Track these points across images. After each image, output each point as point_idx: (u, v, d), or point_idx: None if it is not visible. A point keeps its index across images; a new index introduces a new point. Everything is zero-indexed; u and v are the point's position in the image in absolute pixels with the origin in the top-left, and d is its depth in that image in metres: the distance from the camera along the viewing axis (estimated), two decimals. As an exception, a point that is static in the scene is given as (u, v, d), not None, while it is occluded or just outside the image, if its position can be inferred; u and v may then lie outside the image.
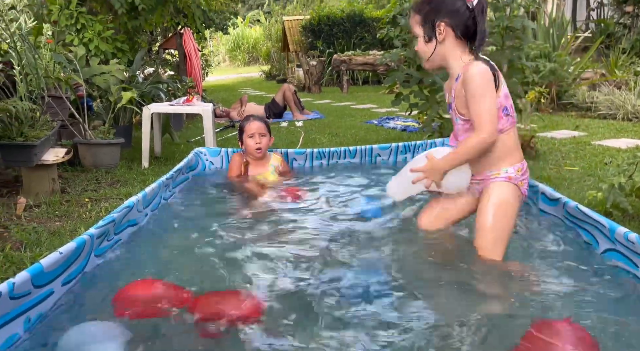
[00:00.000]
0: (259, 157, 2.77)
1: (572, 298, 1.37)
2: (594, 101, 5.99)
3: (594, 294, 1.39)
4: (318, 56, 12.96)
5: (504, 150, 1.63)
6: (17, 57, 3.12)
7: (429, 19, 1.66)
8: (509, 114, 1.64)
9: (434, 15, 1.65)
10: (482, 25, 1.63)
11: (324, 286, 1.44)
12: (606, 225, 1.59)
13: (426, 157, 1.67)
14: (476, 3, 1.61)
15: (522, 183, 1.65)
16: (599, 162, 3.58)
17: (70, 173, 3.65)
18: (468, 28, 1.63)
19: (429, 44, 1.68)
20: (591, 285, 1.44)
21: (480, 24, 1.63)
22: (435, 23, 1.64)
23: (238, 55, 24.39)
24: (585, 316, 1.26)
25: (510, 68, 3.82)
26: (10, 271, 1.92)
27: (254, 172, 2.78)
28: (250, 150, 2.76)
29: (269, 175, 2.74)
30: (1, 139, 2.95)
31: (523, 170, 1.66)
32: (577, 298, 1.38)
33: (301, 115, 7.09)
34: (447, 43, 1.65)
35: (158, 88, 5.07)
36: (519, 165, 1.65)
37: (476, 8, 1.61)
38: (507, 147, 1.63)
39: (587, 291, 1.41)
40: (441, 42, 1.65)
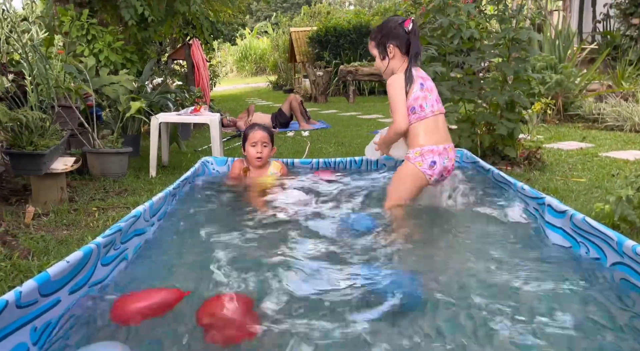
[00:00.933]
0: (259, 165, 2.81)
1: (577, 313, 1.36)
2: (600, 113, 5.98)
3: (599, 306, 1.38)
4: (325, 67, 13.04)
5: (411, 137, 2.22)
6: (29, 68, 3.17)
7: (382, 43, 2.29)
8: (415, 112, 2.20)
9: (384, 39, 2.28)
10: (415, 44, 2.23)
11: (334, 293, 1.44)
12: (614, 238, 1.58)
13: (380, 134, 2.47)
14: (410, 28, 2.22)
15: (419, 163, 2.18)
16: (606, 174, 3.56)
17: (79, 182, 3.68)
18: (408, 46, 2.25)
19: (383, 60, 2.32)
20: (598, 297, 1.43)
21: (413, 43, 2.23)
22: (386, 45, 2.27)
23: (245, 65, 24.60)
24: (591, 330, 1.25)
25: (516, 79, 3.83)
26: (18, 279, 1.93)
27: (255, 175, 2.83)
28: (250, 158, 2.80)
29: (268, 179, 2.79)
30: (11, 148, 2.99)
31: (421, 153, 2.19)
32: (582, 311, 1.37)
33: (307, 125, 7.12)
34: (395, 59, 2.29)
35: (166, 98, 5.13)
36: (418, 149, 2.19)
37: (411, 31, 2.23)
38: (413, 135, 2.22)
39: (593, 304, 1.39)
40: (392, 58, 2.28)
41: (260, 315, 1.33)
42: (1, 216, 2.73)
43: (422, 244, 1.95)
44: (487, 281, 1.53)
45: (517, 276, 1.56)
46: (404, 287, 1.50)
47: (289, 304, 1.38)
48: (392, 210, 2.19)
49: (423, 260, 1.78)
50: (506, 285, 1.51)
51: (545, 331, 1.25)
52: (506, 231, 2.01)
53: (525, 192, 2.21)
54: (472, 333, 1.24)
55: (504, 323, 1.28)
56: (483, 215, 2.16)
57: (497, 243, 1.87)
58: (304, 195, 2.47)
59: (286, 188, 2.62)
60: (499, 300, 1.40)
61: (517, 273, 1.58)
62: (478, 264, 1.68)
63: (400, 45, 2.24)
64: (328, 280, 1.55)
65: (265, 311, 1.34)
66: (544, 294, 1.45)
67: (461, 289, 1.49)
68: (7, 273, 2.00)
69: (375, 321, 1.30)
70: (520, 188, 2.26)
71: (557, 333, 1.24)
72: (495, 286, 1.50)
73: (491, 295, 1.44)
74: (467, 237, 1.99)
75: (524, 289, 1.47)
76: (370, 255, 1.75)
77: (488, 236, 1.97)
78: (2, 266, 2.05)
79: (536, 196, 2.11)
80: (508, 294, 1.45)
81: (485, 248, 1.82)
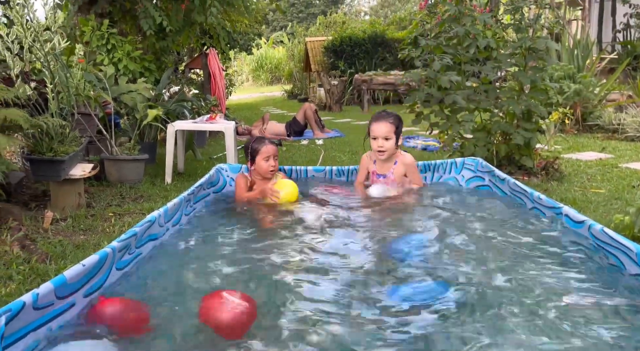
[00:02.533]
0: (271, 177, 2.82)
1: (597, 323, 1.33)
2: (620, 123, 5.87)
3: (617, 315, 1.35)
4: (339, 76, 13.09)
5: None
6: (50, 76, 3.24)
7: (399, 131, 2.84)
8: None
9: (399, 129, 2.85)
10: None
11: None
12: (634, 249, 1.54)
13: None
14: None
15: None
16: (627, 185, 3.49)
17: (96, 188, 3.74)
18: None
19: (395, 145, 2.84)
20: (618, 306, 1.40)
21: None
22: (399, 134, 2.85)
23: (261, 74, 24.84)
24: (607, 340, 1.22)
25: (533, 89, 3.79)
26: (36, 282, 1.96)
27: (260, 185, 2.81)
28: (263, 172, 2.80)
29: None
30: (32, 154, 3.05)
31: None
32: (601, 320, 1.34)
33: (322, 133, 7.14)
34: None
35: (183, 106, 5.19)
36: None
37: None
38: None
39: (611, 312, 1.36)
40: (398, 145, 2.88)
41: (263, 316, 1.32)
42: (21, 221, 2.79)
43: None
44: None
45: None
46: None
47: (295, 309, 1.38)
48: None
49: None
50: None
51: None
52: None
53: (542, 201, 2.18)
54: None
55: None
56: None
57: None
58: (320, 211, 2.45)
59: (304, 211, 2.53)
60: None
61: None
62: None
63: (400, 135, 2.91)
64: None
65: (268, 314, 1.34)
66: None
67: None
68: (25, 276, 2.03)
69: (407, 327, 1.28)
70: (537, 198, 2.23)
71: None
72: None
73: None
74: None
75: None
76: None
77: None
78: (20, 269, 2.09)
79: (553, 206, 2.08)
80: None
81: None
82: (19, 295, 1.18)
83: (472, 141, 3.90)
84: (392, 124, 2.78)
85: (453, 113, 3.98)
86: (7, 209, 2.87)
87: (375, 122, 2.79)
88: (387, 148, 2.78)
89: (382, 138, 2.76)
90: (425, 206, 2.58)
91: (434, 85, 4.03)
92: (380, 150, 2.78)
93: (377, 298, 1.49)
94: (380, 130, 2.76)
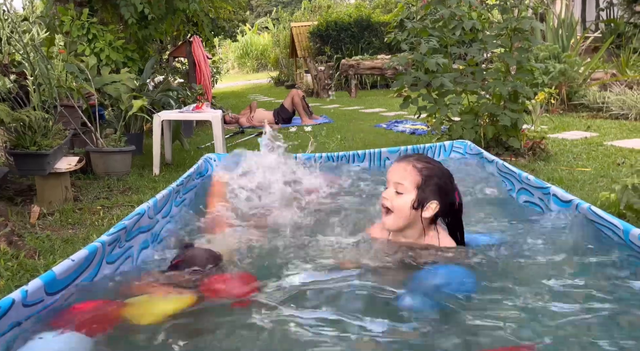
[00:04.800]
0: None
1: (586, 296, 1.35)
2: (605, 101, 5.93)
3: (609, 289, 1.37)
4: (326, 61, 13.00)
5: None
6: (30, 68, 3.17)
7: (429, 191, 1.58)
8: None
9: (433, 189, 1.59)
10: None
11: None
12: (620, 227, 1.57)
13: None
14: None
15: None
16: (612, 163, 3.54)
17: (83, 181, 3.69)
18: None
19: (412, 210, 1.58)
20: (605, 280, 1.42)
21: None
22: (429, 198, 1.58)
23: (247, 62, 24.55)
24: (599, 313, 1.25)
25: (519, 70, 3.80)
26: (25, 278, 1.94)
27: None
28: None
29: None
30: (15, 148, 3.00)
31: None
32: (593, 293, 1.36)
33: (310, 120, 7.11)
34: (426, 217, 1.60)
35: (168, 96, 5.13)
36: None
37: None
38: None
39: (602, 287, 1.39)
40: (425, 217, 1.60)
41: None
42: (7, 216, 2.75)
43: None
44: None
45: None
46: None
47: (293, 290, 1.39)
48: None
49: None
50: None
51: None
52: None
53: (530, 182, 2.20)
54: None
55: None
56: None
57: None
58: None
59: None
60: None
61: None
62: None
63: (442, 211, 1.62)
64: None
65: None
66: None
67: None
68: (14, 272, 2.01)
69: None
70: (525, 179, 2.25)
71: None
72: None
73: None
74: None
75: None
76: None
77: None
78: (8, 265, 2.06)
79: (541, 186, 2.10)
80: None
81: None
82: (8, 292, 1.17)
83: (459, 124, 3.92)
84: (418, 172, 1.59)
85: (440, 96, 3.99)
86: (-8, 205, 2.83)
87: (396, 161, 1.69)
88: (394, 209, 1.60)
89: (392, 185, 1.62)
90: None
91: (421, 69, 4.02)
92: (382, 203, 1.63)
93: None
94: (393, 173, 1.64)
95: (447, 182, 1.61)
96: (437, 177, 1.59)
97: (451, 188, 1.62)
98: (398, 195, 1.59)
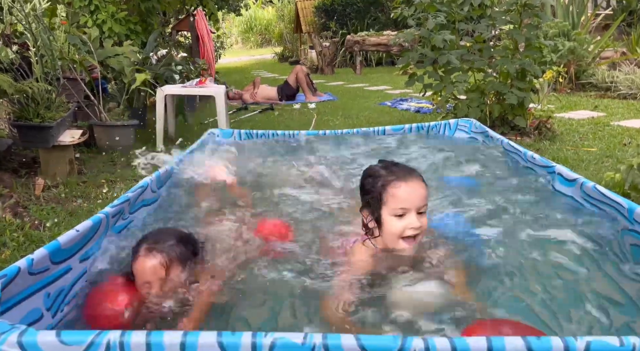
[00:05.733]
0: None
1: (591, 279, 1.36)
2: (613, 81, 5.84)
3: (610, 272, 1.38)
4: (331, 37, 12.81)
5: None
6: (32, 38, 3.14)
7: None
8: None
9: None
10: None
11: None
12: (625, 205, 1.56)
13: None
14: None
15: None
16: (618, 143, 3.51)
17: (86, 154, 3.70)
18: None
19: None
20: (608, 262, 1.43)
21: None
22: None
23: (251, 37, 24.22)
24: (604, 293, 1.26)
25: (528, 47, 3.74)
26: (30, 249, 1.96)
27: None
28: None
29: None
30: (18, 120, 2.99)
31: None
32: (595, 277, 1.37)
33: (314, 97, 7.05)
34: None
35: (171, 70, 5.07)
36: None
37: None
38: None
39: (604, 269, 1.39)
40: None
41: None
42: (12, 188, 2.76)
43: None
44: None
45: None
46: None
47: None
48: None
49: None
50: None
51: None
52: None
53: (535, 160, 2.18)
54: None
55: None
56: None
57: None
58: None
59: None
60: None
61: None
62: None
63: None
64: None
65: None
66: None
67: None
68: (19, 243, 2.03)
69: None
70: (530, 158, 2.23)
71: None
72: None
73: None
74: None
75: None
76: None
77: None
78: (14, 236, 2.09)
79: (546, 165, 2.09)
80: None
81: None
82: (15, 261, 1.18)
83: (465, 102, 3.88)
84: (425, 183, 1.44)
85: (447, 73, 3.94)
86: (-3, 177, 2.84)
87: (404, 182, 1.38)
88: (422, 229, 1.39)
89: (415, 211, 1.37)
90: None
91: (427, 45, 3.96)
92: (414, 233, 1.37)
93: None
94: (414, 196, 1.37)
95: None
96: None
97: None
98: (422, 216, 1.38)
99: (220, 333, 0.82)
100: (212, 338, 0.81)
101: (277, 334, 0.80)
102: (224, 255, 1.48)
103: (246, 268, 1.43)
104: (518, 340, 0.78)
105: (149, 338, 0.81)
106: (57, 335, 0.83)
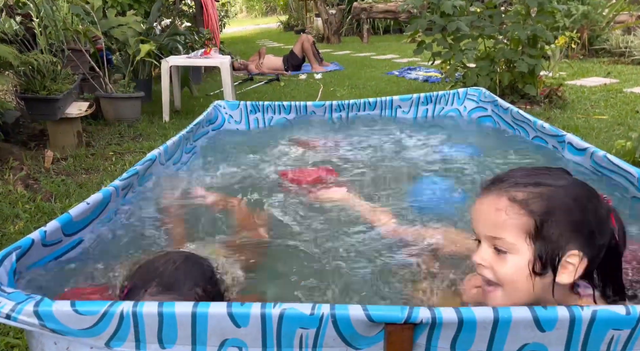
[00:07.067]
0: None
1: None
2: (628, 46, 5.69)
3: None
4: (337, 4, 12.50)
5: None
6: (36, 9, 3.10)
7: (551, 235, 0.86)
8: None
9: (552, 229, 0.86)
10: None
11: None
12: (635, 174, 1.54)
13: None
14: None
15: None
16: (630, 110, 3.45)
17: (94, 127, 3.71)
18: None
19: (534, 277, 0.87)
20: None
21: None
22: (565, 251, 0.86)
23: (255, 5, 23.76)
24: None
25: (540, 12, 3.63)
26: (43, 220, 2.00)
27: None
28: None
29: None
30: (25, 92, 2.99)
31: None
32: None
33: (320, 67, 6.95)
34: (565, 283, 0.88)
35: (176, 40, 5.01)
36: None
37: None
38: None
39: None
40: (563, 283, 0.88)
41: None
42: (22, 160, 2.79)
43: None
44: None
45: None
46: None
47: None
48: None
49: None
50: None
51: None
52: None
53: (545, 130, 2.15)
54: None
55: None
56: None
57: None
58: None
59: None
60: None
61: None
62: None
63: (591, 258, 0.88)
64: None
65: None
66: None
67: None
68: (31, 214, 2.07)
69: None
70: (540, 127, 2.20)
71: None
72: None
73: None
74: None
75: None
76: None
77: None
78: (26, 208, 2.12)
79: (556, 134, 2.06)
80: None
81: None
82: (28, 233, 1.20)
83: (474, 70, 3.81)
84: (523, 209, 0.87)
85: (456, 41, 3.85)
86: (6, 149, 2.87)
87: (478, 197, 0.95)
88: (502, 281, 0.89)
89: (485, 240, 0.91)
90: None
91: (436, 12, 3.86)
92: (479, 272, 0.92)
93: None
94: (481, 220, 0.93)
95: (585, 208, 0.87)
96: (564, 206, 0.87)
97: (598, 216, 0.88)
98: (500, 257, 0.89)
99: (230, 304, 0.83)
100: (222, 308, 0.82)
101: (286, 305, 0.82)
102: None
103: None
104: (524, 309, 0.79)
105: (161, 309, 0.83)
106: (71, 304, 0.85)
